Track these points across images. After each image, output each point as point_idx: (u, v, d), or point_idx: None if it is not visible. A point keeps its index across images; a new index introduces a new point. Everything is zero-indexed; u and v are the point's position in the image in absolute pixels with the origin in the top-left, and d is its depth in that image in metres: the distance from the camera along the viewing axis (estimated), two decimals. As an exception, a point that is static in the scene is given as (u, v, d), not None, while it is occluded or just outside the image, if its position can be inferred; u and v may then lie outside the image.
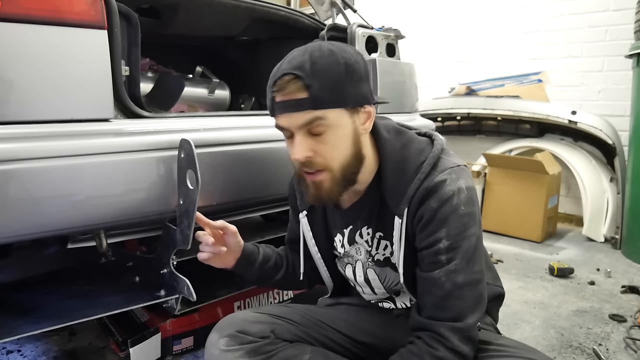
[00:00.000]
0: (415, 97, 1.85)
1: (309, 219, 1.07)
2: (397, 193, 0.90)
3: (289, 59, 0.85)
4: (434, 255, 0.85)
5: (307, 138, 0.85)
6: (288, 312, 1.04)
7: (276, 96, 0.84)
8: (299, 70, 0.82)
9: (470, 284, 0.84)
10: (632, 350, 1.52)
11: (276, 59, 0.89)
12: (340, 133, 0.86)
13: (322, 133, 0.84)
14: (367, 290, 1.06)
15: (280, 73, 0.83)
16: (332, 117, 0.84)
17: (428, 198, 0.86)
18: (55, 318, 1.07)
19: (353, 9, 2.03)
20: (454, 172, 0.87)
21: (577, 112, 2.74)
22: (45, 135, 0.93)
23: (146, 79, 1.69)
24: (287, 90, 0.83)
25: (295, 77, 0.82)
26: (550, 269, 2.22)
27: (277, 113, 0.86)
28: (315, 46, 0.86)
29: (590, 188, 2.75)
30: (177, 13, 1.57)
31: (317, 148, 0.85)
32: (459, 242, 0.84)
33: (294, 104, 0.83)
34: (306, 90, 0.82)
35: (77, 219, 0.99)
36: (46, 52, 0.93)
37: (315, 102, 0.82)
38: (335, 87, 0.83)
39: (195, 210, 1.03)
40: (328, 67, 0.82)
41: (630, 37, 2.47)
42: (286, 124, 0.86)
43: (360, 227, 1.00)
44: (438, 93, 3.50)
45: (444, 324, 0.83)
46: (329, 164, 0.86)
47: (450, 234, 0.84)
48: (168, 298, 1.18)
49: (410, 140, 0.94)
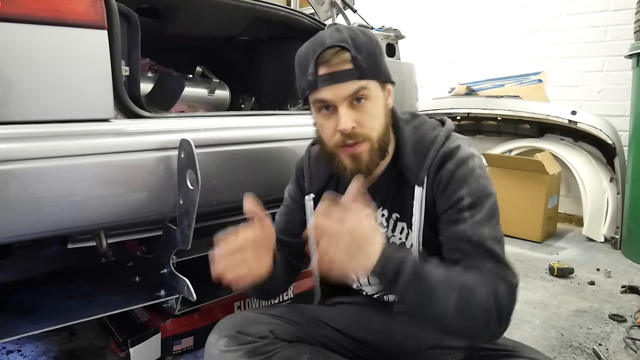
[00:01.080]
0: (415, 97, 1.85)
1: (316, 203, 1.05)
2: (417, 164, 0.93)
3: (323, 36, 0.88)
4: (457, 213, 0.87)
5: (351, 109, 0.87)
6: (287, 312, 1.04)
7: (320, 69, 0.87)
8: (344, 43, 0.85)
9: (495, 238, 0.85)
10: (632, 350, 1.52)
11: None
12: (378, 104, 0.90)
13: (364, 104, 0.88)
14: (374, 281, 1.06)
15: (325, 46, 0.86)
16: (372, 87, 0.88)
17: (445, 162, 0.90)
18: (55, 318, 1.07)
19: (353, 9, 2.04)
20: (464, 142, 0.94)
21: (577, 112, 2.74)
22: (45, 135, 0.93)
23: (146, 79, 1.69)
24: (334, 61, 0.85)
25: (342, 48, 0.85)
26: (550, 269, 2.22)
27: (322, 86, 0.87)
28: (344, 26, 0.91)
29: (590, 188, 2.75)
30: (177, 13, 1.57)
31: (360, 119, 0.88)
32: (481, 199, 0.87)
33: (341, 74, 0.86)
34: (352, 62, 0.85)
35: (77, 219, 0.99)
36: (46, 52, 0.94)
37: (361, 72, 0.86)
38: (373, 60, 0.88)
39: (195, 210, 1.03)
40: (366, 41, 0.88)
41: (630, 37, 2.47)
42: (331, 96, 0.87)
43: (375, 208, 1.00)
44: (438, 93, 3.50)
45: (486, 263, 0.82)
46: (370, 134, 0.89)
47: (471, 192, 0.87)
48: (168, 298, 1.18)
49: (424, 120, 1.00)
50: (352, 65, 0.85)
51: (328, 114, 0.90)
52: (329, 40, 0.86)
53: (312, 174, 1.07)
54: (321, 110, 0.91)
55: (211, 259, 0.83)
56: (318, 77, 0.87)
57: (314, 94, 0.89)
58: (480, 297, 0.77)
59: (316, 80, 0.87)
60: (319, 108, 0.91)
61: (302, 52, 0.91)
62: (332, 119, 0.89)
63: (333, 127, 0.88)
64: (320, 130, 0.94)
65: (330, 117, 0.89)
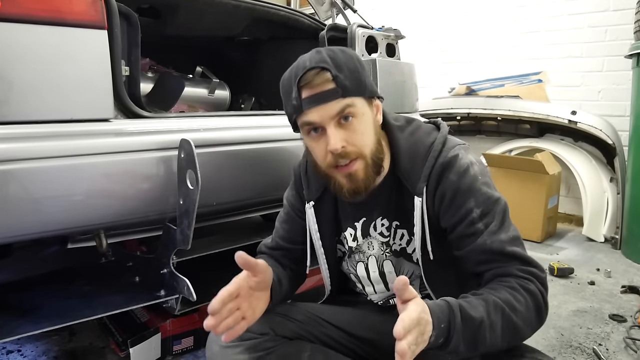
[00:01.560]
0: (415, 97, 1.85)
1: (316, 211, 1.06)
2: (414, 173, 0.93)
3: (303, 60, 0.88)
4: (469, 226, 0.87)
5: (339, 129, 0.87)
6: (288, 309, 1.04)
7: (303, 92, 0.86)
8: (324, 63, 0.85)
9: (512, 239, 0.87)
10: (632, 350, 1.52)
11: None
12: (366, 120, 0.90)
13: (352, 122, 0.88)
14: (379, 288, 1.06)
15: (305, 69, 0.86)
16: (358, 104, 0.88)
17: (445, 173, 0.90)
18: (55, 318, 1.07)
19: (353, 9, 2.03)
20: (462, 149, 0.93)
21: (577, 112, 2.74)
22: (45, 135, 0.93)
23: (146, 79, 1.69)
24: (315, 82, 0.85)
25: (322, 69, 0.85)
26: (550, 269, 2.22)
27: (307, 108, 0.87)
28: (323, 48, 0.91)
29: (590, 188, 2.75)
30: (177, 13, 1.57)
31: (349, 137, 0.88)
32: (490, 207, 0.87)
33: (325, 95, 0.86)
34: (333, 81, 0.85)
35: (77, 219, 0.99)
36: (46, 52, 0.94)
37: (344, 90, 0.86)
38: (355, 77, 0.88)
39: (195, 210, 1.03)
40: (346, 59, 0.88)
41: (630, 37, 2.47)
42: (317, 118, 0.87)
43: (375, 217, 1.01)
44: (438, 93, 3.50)
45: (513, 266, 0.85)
46: (362, 151, 0.89)
47: (479, 202, 0.87)
48: (168, 298, 1.18)
49: (418, 126, 0.99)
50: (334, 85, 0.85)
51: (317, 136, 0.89)
52: (308, 63, 0.86)
53: (310, 180, 1.07)
54: (310, 132, 0.90)
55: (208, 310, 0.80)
56: (302, 100, 0.86)
57: (301, 117, 0.89)
58: (520, 310, 0.80)
59: (301, 104, 0.87)
60: (307, 131, 0.90)
61: (285, 78, 0.91)
62: (321, 140, 0.89)
63: (324, 148, 0.88)
64: (312, 153, 0.93)
65: (319, 139, 0.89)
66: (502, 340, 0.79)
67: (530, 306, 0.81)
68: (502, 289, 0.82)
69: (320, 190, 1.05)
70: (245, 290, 0.85)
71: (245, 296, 0.85)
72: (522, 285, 0.82)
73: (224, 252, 1.31)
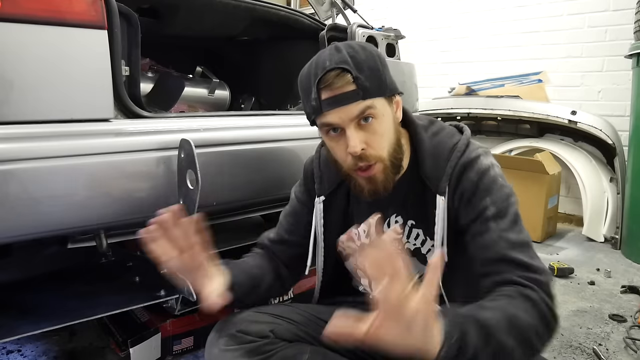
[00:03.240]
0: (415, 97, 1.85)
1: (325, 206, 1.06)
2: (437, 173, 0.92)
3: (323, 58, 0.86)
4: (483, 223, 0.87)
5: (359, 130, 0.87)
6: (288, 312, 1.04)
7: (323, 93, 0.85)
8: (344, 64, 0.84)
9: (522, 243, 0.85)
10: (632, 350, 1.52)
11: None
12: (386, 121, 0.89)
13: (372, 123, 0.87)
14: None
15: (325, 70, 0.84)
16: (378, 105, 0.87)
17: (466, 172, 0.90)
18: (55, 318, 1.07)
19: (353, 9, 2.04)
20: (484, 152, 0.94)
21: (577, 112, 2.74)
22: (45, 135, 0.93)
23: (146, 79, 1.69)
24: (335, 84, 0.84)
25: (343, 70, 0.84)
26: (550, 269, 2.22)
27: (326, 110, 0.86)
28: (343, 44, 0.89)
29: (590, 188, 2.75)
30: (177, 13, 1.57)
31: (369, 139, 0.87)
32: (505, 208, 0.87)
33: (345, 97, 0.84)
34: (354, 82, 0.84)
35: (77, 219, 0.99)
36: (46, 52, 0.93)
37: (365, 92, 0.85)
38: (376, 76, 0.87)
39: (195, 210, 1.03)
40: (367, 58, 0.86)
41: (630, 37, 2.47)
42: (337, 120, 0.86)
43: (389, 215, 1.00)
44: (438, 93, 3.50)
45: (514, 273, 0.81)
46: (381, 155, 0.88)
47: (496, 201, 0.87)
48: (168, 298, 1.18)
49: (442, 127, 0.99)
50: (355, 86, 0.84)
51: (337, 136, 0.89)
52: (328, 63, 0.84)
53: (323, 176, 1.06)
54: (329, 133, 0.90)
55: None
56: (322, 101, 0.86)
57: (320, 119, 0.88)
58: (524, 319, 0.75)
59: (320, 105, 0.86)
60: (326, 131, 0.90)
61: (304, 75, 0.90)
62: (341, 141, 0.88)
63: (343, 149, 0.88)
64: (332, 153, 0.93)
65: (339, 139, 0.89)
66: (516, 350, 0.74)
67: (532, 314, 0.76)
68: (502, 298, 0.78)
69: (334, 186, 1.05)
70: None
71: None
72: (521, 293, 0.78)
73: (224, 252, 1.31)
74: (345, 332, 0.61)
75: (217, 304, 0.87)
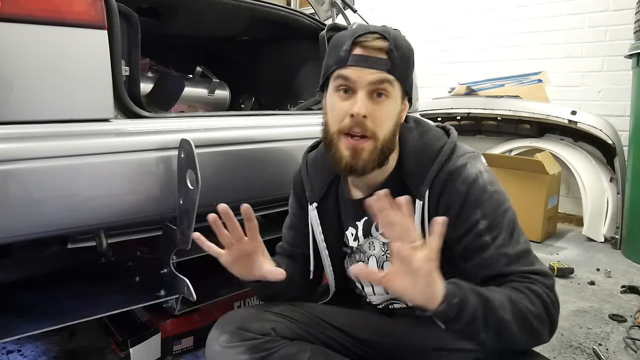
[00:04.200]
0: (415, 97, 1.85)
1: (319, 212, 1.06)
2: (418, 176, 0.92)
3: (367, 26, 0.91)
4: (476, 238, 0.86)
5: (369, 99, 0.87)
6: (289, 310, 1.04)
7: (355, 48, 0.87)
8: (387, 35, 0.87)
9: (521, 254, 0.85)
10: (632, 350, 1.52)
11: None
12: (394, 106, 0.90)
13: (383, 100, 0.88)
14: (378, 290, 1.05)
15: (368, 30, 0.87)
16: (395, 88, 0.89)
17: (452, 181, 0.88)
18: (55, 318, 1.07)
19: (353, 9, 2.04)
20: (471, 158, 0.91)
21: (577, 112, 2.74)
22: (45, 135, 0.93)
23: (146, 79, 1.69)
24: (372, 45, 0.86)
25: (383, 38, 0.87)
26: (550, 269, 2.21)
27: (351, 64, 0.87)
28: (389, 28, 0.91)
29: (590, 188, 2.75)
30: (177, 13, 1.57)
31: (374, 112, 0.87)
32: (498, 219, 0.86)
33: (374, 60, 0.86)
34: (388, 54, 0.86)
35: (77, 219, 0.99)
36: (46, 52, 0.93)
37: (393, 66, 0.87)
38: (406, 65, 0.90)
39: (195, 210, 1.03)
40: (406, 46, 0.90)
41: (630, 37, 2.47)
42: (356, 77, 0.87)
43: (373, 215, 1.00)
44: (438, 93, 3.50)
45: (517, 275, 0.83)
46: (377, 132, 0.88)
47: (486, 213, 0.86)
48: (168, 298, 1.18)
49: (429, 128, 0.99)
50: (386, 57, 0.86)
51: (345, 96, 0.89)
52: (372, 28, 0.88)
53: (312, 181, 1.06)
54: (339, 90, 0.90)
55: None
56: (351, 55, 0.87)
57: (340, 70, 0.89)
58: (527, 305, 0.78)
59: (347, 57, 0.87)
60: (338, 87, 0.90)
61: (342, 33, 0.92)
62: (347, 101, 0.88)
63: (346, 109, 0.88)
64: (330, 111, 0.92)
65: (346, 99, 0.89)
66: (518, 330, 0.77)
67: (536, 303, 0.79)
68: (506, 287, 0.81)
69: (324, 190, 1.05)
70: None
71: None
72: (526, 286, 0.80)
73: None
74: (368, 272, 0.79)
75: (282, 275, 0.94)
